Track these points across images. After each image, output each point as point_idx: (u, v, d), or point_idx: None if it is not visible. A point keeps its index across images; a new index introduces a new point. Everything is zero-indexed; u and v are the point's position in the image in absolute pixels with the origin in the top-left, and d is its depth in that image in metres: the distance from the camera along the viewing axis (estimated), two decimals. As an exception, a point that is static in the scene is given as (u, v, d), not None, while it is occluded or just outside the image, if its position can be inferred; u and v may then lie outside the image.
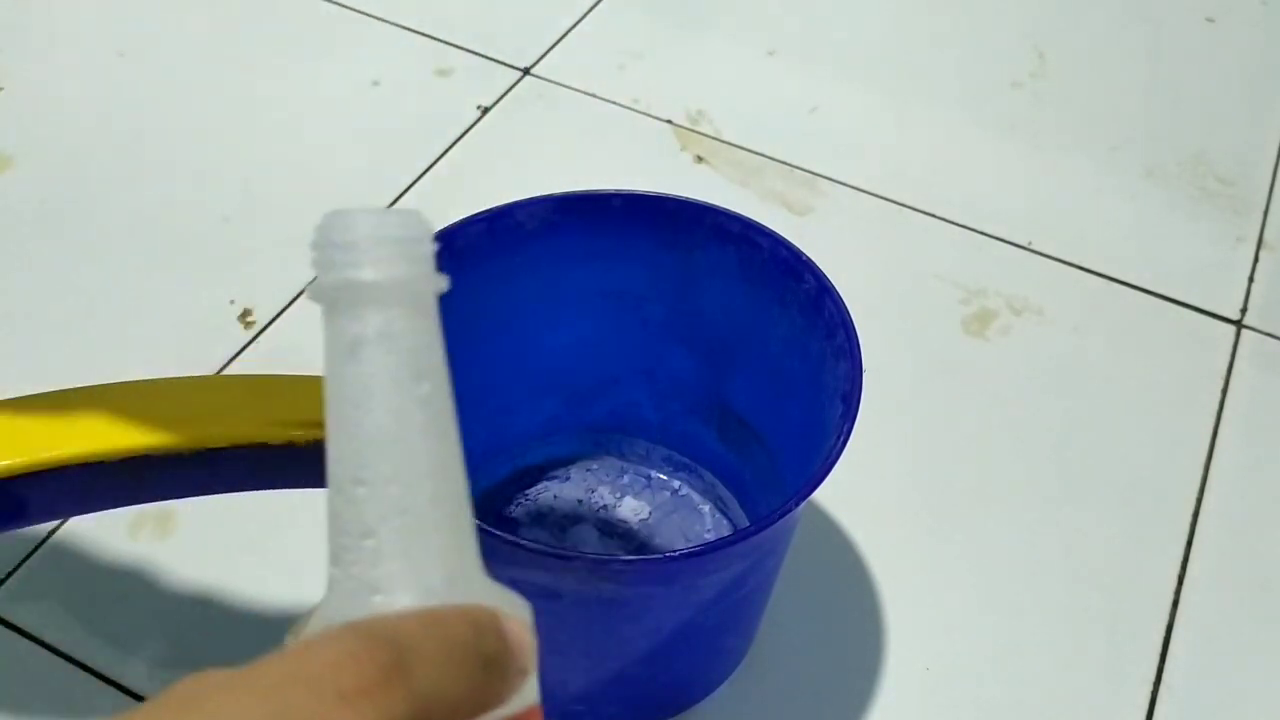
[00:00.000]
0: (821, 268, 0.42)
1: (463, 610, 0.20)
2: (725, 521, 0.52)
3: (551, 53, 0.77)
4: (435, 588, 0.21)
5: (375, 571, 0.21)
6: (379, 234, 0.22)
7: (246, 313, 0.62)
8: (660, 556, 0.37)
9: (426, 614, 0.20)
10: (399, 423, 0.21)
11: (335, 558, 0.21)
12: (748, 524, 0.50)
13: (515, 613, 0.22)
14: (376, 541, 0.21)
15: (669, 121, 0.73)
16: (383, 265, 0.22)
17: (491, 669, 0.20)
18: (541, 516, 0.52)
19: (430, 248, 0.23)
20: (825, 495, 0.53)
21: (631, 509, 0.53)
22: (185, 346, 0.60)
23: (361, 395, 0.21)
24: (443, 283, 0.23)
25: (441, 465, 0.22)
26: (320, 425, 0.21)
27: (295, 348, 0.60)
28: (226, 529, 0.52)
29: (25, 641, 0.49)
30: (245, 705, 0.17)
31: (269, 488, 0.38)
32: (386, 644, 0.18)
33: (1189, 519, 0.55)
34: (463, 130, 0.72)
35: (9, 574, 0.51)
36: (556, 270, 0.46)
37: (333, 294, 0.21)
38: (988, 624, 0.51)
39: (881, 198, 0.69)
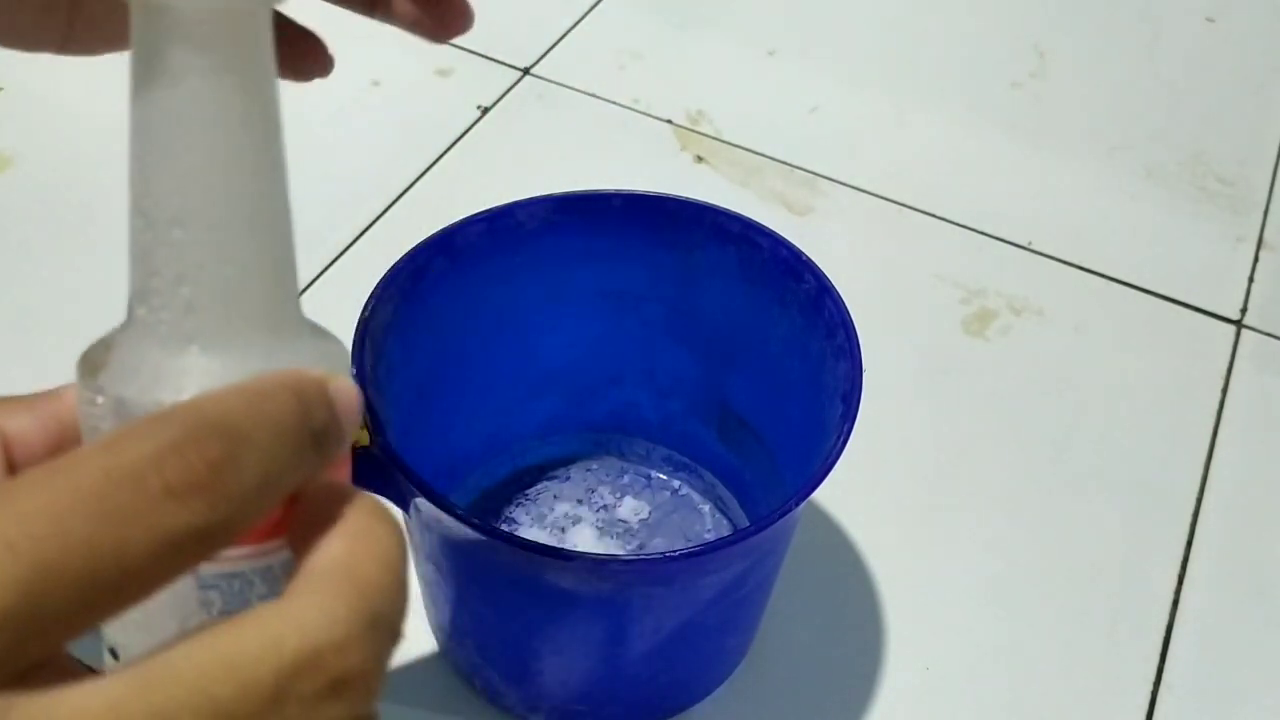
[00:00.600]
0: (821, 267, 0.42)
1: (289, 383, 0.18)
2: (725, 521, 0.52)
3: (552, 53, 0.77)
4: (255, 342, 0.20)
5: (189, 320, 0.19)
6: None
7: (246, 313, 0.62)
8: (660, 556, 0.37)
9: (252, 392, 0.18)
10: (230, 164, 0.19)
11: (142, 298, 0.20)
12: (748, 524, 0.50)
13: (337, 364, 0.21)
14: (193, 289, 0.19)
15: (669, 121, 0.73)
16: None
17: (321, 444, 0.19)
18: (541, 516, 0.52)
19: None
20: (825, 495, 0.53)
21: (631, 509, 0.52)
22: (185, 346, 0.60)
23: (189, 127, 0.19)
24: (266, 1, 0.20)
25: (270, 211, 0.20)
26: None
27: (295, 348, 0.60)
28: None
29: (25, 641, 0.49)
30: (61, 504, 0.15)
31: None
32: (215, 435, 0.16)
33: (1189, 519, 0.55)
34: (462, 130, 0.72)
35: (9, 574, 0.51)
36: (556, 270, 0.46)
37: (156, 7, 0.18)
38: (988, 624, 0.51)
39: (882, 197, 0.69)
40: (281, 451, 0.17)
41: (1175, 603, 0.52)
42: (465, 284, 0.44)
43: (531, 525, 0.52)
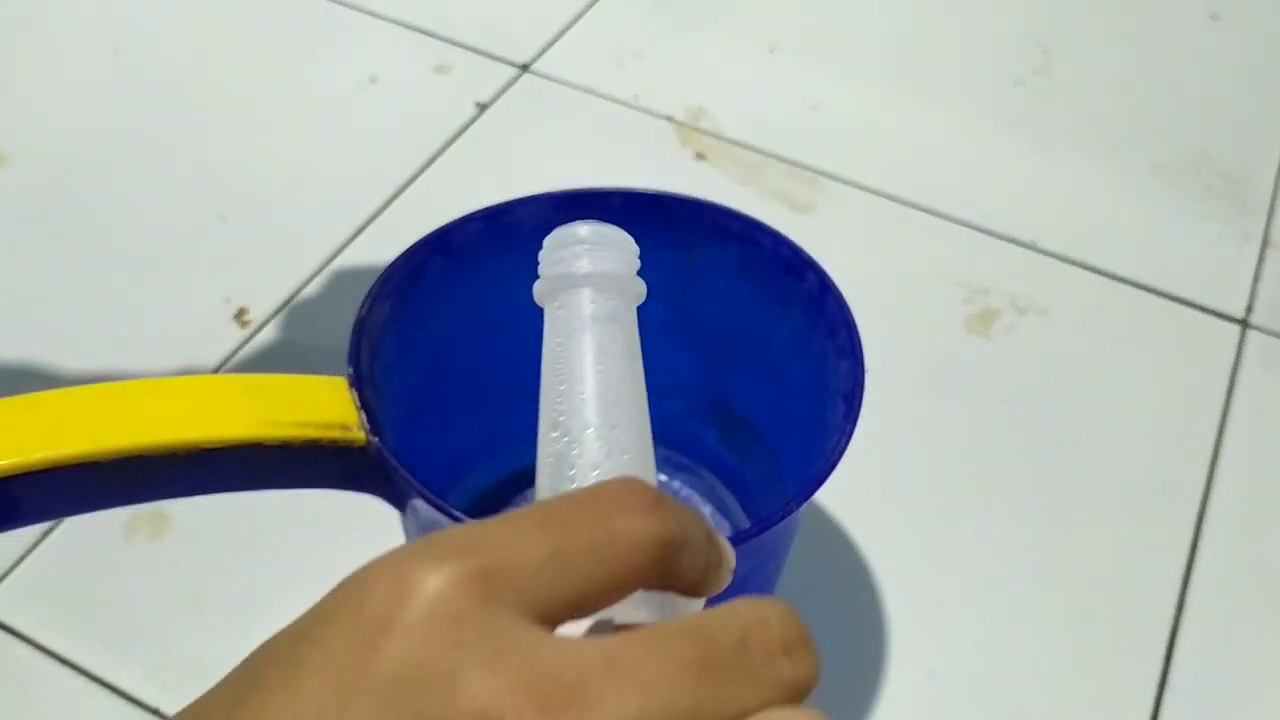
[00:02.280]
0: (823, 266, 0.42)
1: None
2: (725, 522, 0.52)
3: (550, 49, 0.76)
4: None
5: None
6: (617, 241, 0.28)
7: (242, 311, 0.61)
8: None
9: (615, 481, 0.21)
10: (626, 380, 0.26)
11: (556, 493, 0.24)
12: (748, 525, 0.50)
13: None
14: (600, 474, 0.24)
15: (669, 118, 0.72)
16: (623, 261, 0.28)
17: (716, 544, 0.22)
18: (541, 517, 0.52)
19: (633, 253, 0.29)
20: (827, 496, 0.53)
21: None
22: (180, 345, 0.60)
23: (600, 356, 0.26)
24: (641, 287, 0.29)
25: (646, 416, 0.26)
26: (314, 426, 0.20)
27: (291, 347, 0.60)
28: (221, 530, 0.52)
29: (19, 644, 0.49)
30: (526, 537, 0.18)
31: (264, 488, 0.38)
32: (652, 490, 0.20)
33: (1194, 519, 0.55)
34: (461, 127, 0.71)
35: (3, 576, 0.51)
36: (556, 269, 0.45)
37: (578, 280, 0.27)
38: (991, 626, 0.51)
39: (884, 195, 0.69)
40: (698, 532, 0.21)
41: (1180, 604, 0.52)
42: (463, 282, 0.43)
43: (530, 526, 0.51)
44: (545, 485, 0.24)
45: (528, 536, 0.18)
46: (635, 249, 0.29)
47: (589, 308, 0.26)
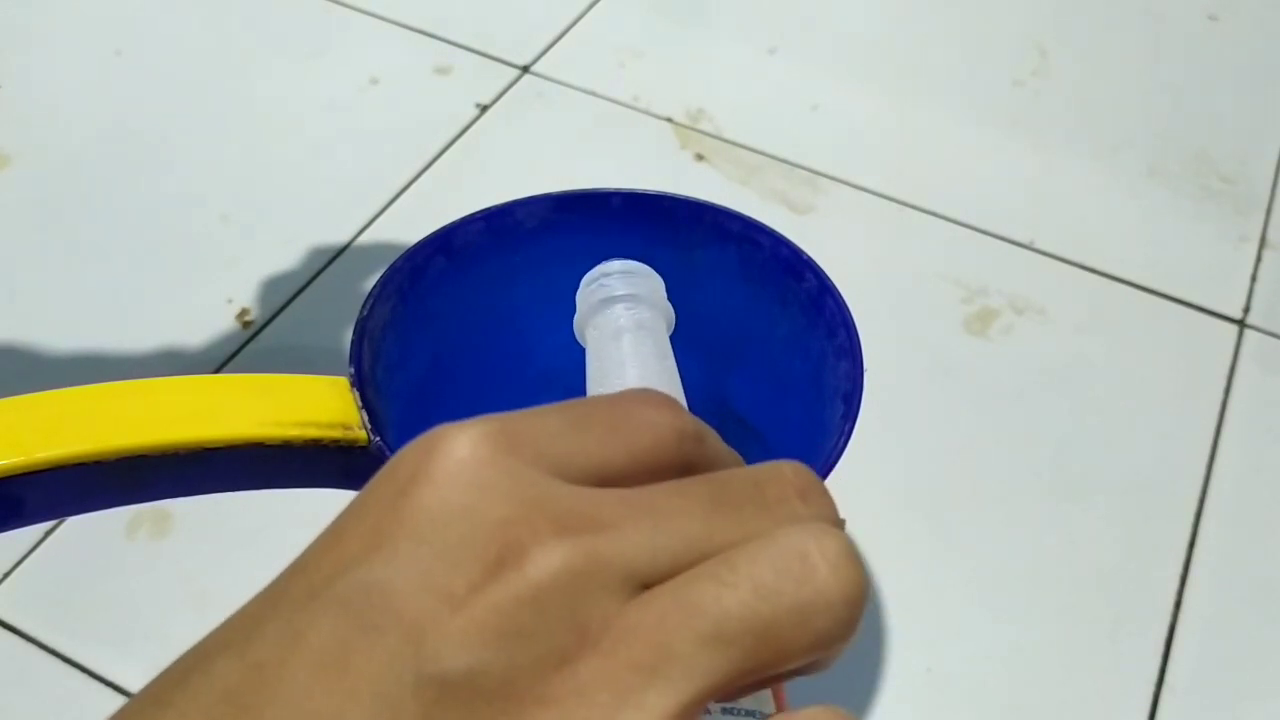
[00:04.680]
0: (822, 267, 0.42)
1: None
2: (725, 522, 0.52)
3: (551, 51, 0.77)
4: None
5: None
6: (643, 270, 0.32)
7: (244, 312, 0.61)
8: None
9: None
10: (659, 375, 0.28)
11: None
12: (748, 524, 0.50)
13: None
14: None
15: (669, 120, 0.72)
16: (650, 287, 0.32)
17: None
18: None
19: (660, 285, 0.34)
20: (826, 495, 0.53)
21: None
22: (182, 345, 0.60)
23: (636, 355, 0.28)
24: (671, 313, 0.33)
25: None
26: (316, 426, 0.21)
27: (292, 347, 0.60)
28: (223, 529, 0.52)
29: (21, 642, 0.49)
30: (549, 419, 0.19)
31: (266, 487, 0.38)
32: (673, 397, 0.21)
33: (1192, 519, 0.55)
34: (461, 128, 0.71)
35: (5, 575, 0.51)
36: (556, 269, 0.46)
37: (612, 300, 0.30)
38: (989, 625, 0.51)
39: (883, 196, 0.69)
40: None
41: (1178, 603, 0.52)
42: (464, 283, 0.43)
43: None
44: None
45: (547, 414, 0.19)
46: (661, 282, 0.32)
47: (623, 318, 0.29)
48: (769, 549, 0.17)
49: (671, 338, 0.48)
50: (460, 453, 0.18)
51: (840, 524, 0.19)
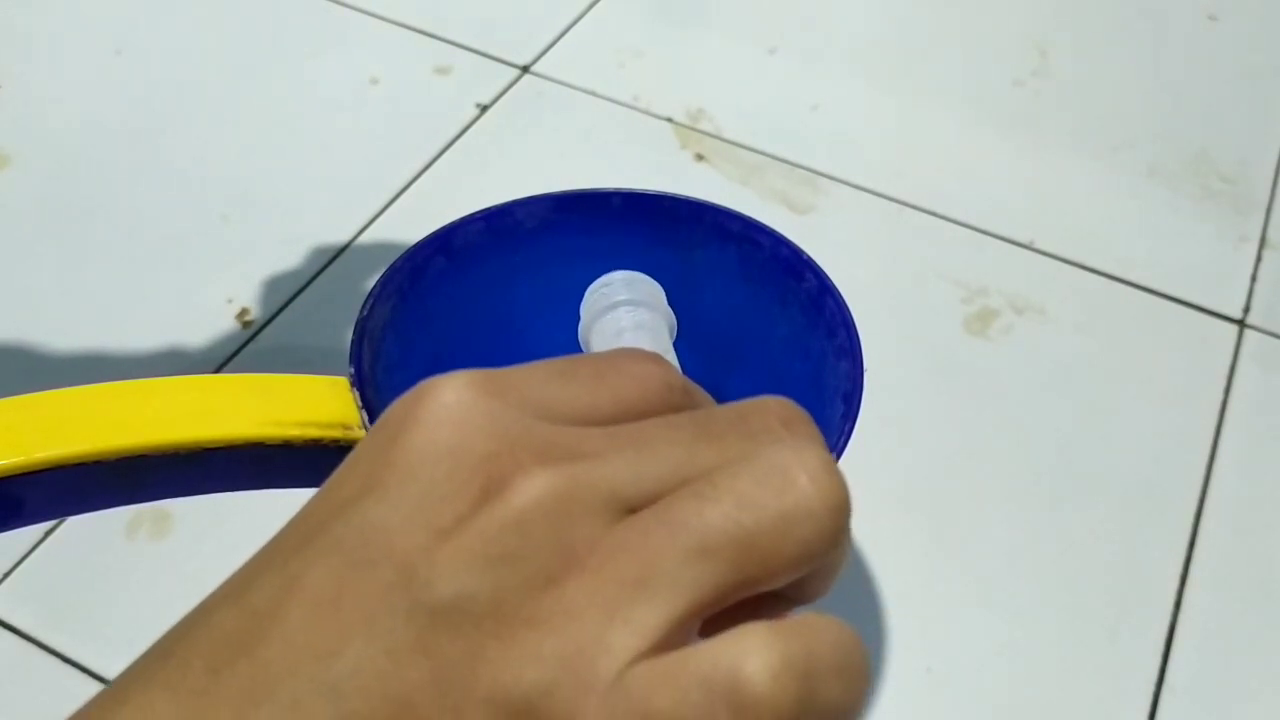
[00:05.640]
0: (823, 266, 0.42)
1: None
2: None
3: (551, 51, 0.77)
4: None
5: None
6: (644, 279, 0.32)
7: (244, 311, 0.61)
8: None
9: None
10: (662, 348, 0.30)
11: None
12: (748, 524, 0.50)
13: None
14: None
15: (669, 119, 0.72)
16: (651, 294, 0.33)
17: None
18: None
19: (662, 294, 0.33)
20: (826, 495, 0.53)
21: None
22: (182, 345, 0.60)
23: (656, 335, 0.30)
24: (672, 319, 0.33)
25: None
26: (316, 426, 0.21)
27: (292, 347, 0.60)
28: (223, 529, 0.52)
29: (21, 642, 0.49)
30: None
31: (266, 487, 0.38)
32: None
33: (1192, 519, 0.55)
34: (461, 128, 0.71)
35: (5, 575, 0.51)
36: (556, 269, 0.46)
37: (615, 304, 0.31)
38: (989, 625, 0.51)
39: (883, 196, 0.69)
40: None
41: (1178, 603, 0.52)
42: (464, 283, 0.43)
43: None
44: None
45: (535, 366, 0.19)
46: (662, 291, 0.32)
47: (625, 319, 0.29)
48: (750, 465, 0.18)
49: (673, 341, 0.48)
50: (447, 397, 0.18)
51: (821, 445, 0.20)
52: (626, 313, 0.30)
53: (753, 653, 0.16)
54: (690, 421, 0.19)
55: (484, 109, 0.73)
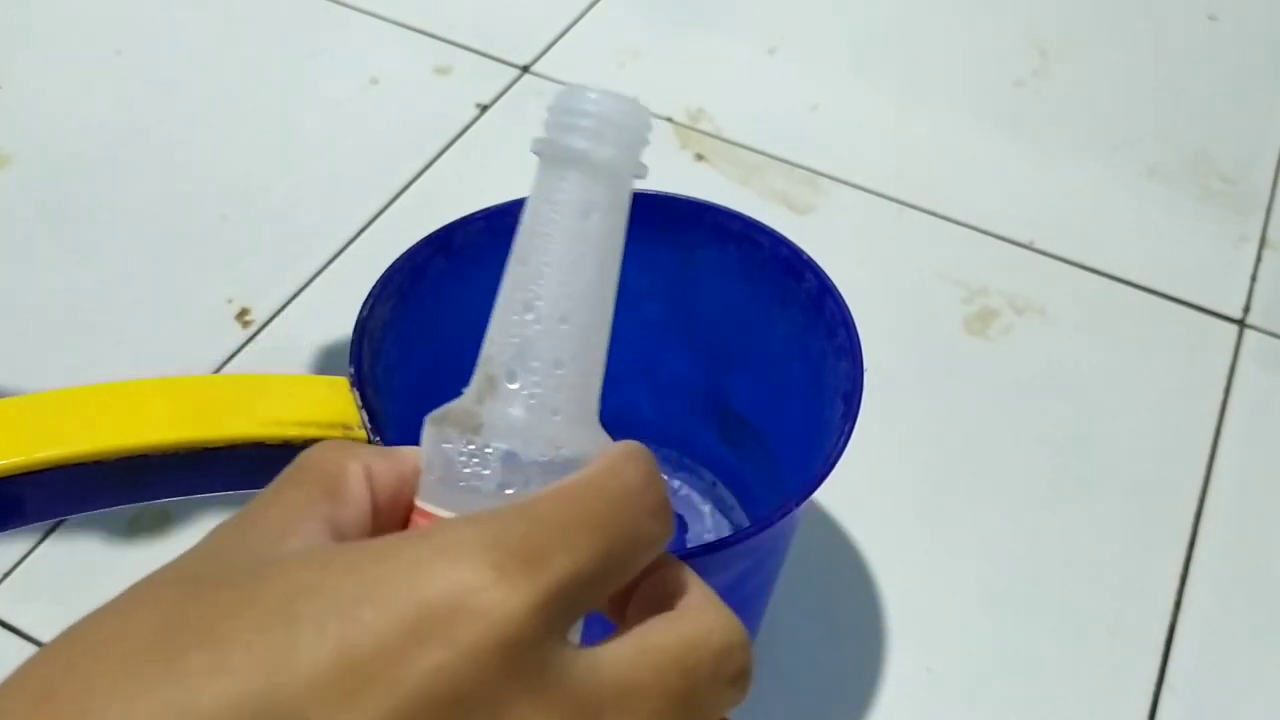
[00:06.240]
0: (822, 266, 0.42)
1: (641, 446, 0.23)
2: (725, 522, 0.52)
3: (551, 51, 0.77)
4: (593, 419, 0.25)
5: (557, 395, 0.25)
6: (629, 122, 0.26)
7: (244, 311, 0.61)
8: (660, 557, 0.37)
9: (639, 458, 0.22)
10: (606, 281, 0.26)
11: (514, 375, 0.25)
12: (748, 524, 0.50)
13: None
14: (566, 372, 0.25)
15: (669, 119, 0.72)
16: (632, 148, 0.26)
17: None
18: (541, 516, 0.52)
19: (646, 129, 0.27)
20: (826, 495, 0.53)
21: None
22: (182, 345, 0.60)
23: (589, 250, 0.26)
24: (645, 171, 0.27)
25: (611, 313, 0.26)
26: (316, 426, 0.21)
27: (293, 347, 0.60)
28: (224, 529, 0.52)
29: (22, 642, 0.49)
30: (595, 513, 0.20)
31: (265, 487, 0.38)
32: (658, 479, 0.22)
33: (1192, 519, 0.55)
34: (461, 128, 0.71)
35: (6, 574, 0.51)
36: (556, 269, 0.46)
37: (577, 156, 0.25)
38: (989, 625, 0.51)
39: (883, 196, 0.69)
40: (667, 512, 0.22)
41: (1178, 603, 0.52)
42: (464, 283, 0.43)
43: (531, 525, 0.51)
44: (502, 364, 0.25)
45: (580, 539, 0.19)
46: (645, 124, 0.26)
47: (575, 193, 0.26)
48: None
49: (671, 337, 0.48)
50: (503, 627, 0.18)
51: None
52: (578, 185, 0.26)
53: None
54: (682, 683, 0.20)
55: (484, 109, 0.73)
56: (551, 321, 0.25)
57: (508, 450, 0.24)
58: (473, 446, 0.24)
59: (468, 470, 0.24)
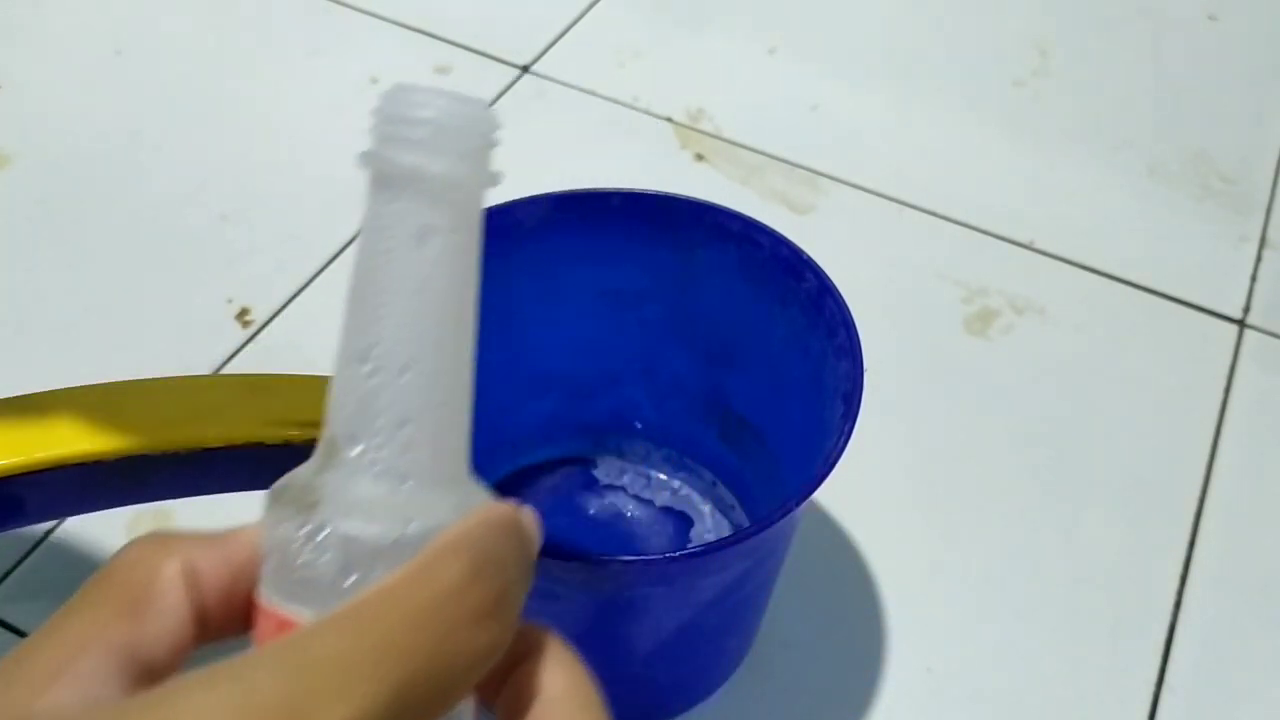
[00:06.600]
0: (822, 266, 0.42)
1: (510, 517, 0.21)
2: (725, 522, 0.52)
3: (550, 50, 0.77)
4: (455, 478, 0.22)
5: (406, 458, 0.21)
6: (471, 126, 0.22)
7: (244, 311, 0.61)
8: (660, 557, 0.37)
9: (497, 526, 0.20)
10: (454, 317, 0.21)
11: (355, 439, 0.21)
12: (748, 524, 0.50)
13: (490, 496, 0.23)
14: (413, 429, 0.21)
15: (669, 119, 0.72)
16: (477, 155, 0.21)
17: (534, 567, 0.21)
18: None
19: (493, 134, 0.23)
20: (826, 495, 0.53)
21: (631, 509, 0.52)
22: (182, 345, 0.60)
23: (431, 283, 0.21)
24: (498, 180, 0.22)
25: (471, 363, 0.22)
26: (316, 426, 0.21)
27: (293, 347, 0.60)
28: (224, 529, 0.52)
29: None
30: (404, 626, 0.18)
31: (265, 487, 0.38)
32: (495, 567, 0.19)
33: (1192, 519, 0.55)
34: (462, 128, 0.71)
35: (5, 574, 0.51)
36: (555, 269, 0.46)
37: (408, 173, 0.21)
38: (989, 625, 0.51)
39: (883, 196, 0.69)
40: (526, 579, 0.20)
41: (1178, 603, 0.52)
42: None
43: (531, 525, 0.51)
44: (341, 425, 0.21)
45: (361, 684, 0.17)
46: (489, 125, 0.22)
47: (408, 217, 0.21)
48: None
49: (671, 337, 0.48)
50: None
51: None
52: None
53: None
54: None
55: (484, 109, 0.73)
56: (391, 373, 0.21)
57: (345, 533, 0.20)
58: (309, 528, 0.21)
59: (302, 560, 0.21)
